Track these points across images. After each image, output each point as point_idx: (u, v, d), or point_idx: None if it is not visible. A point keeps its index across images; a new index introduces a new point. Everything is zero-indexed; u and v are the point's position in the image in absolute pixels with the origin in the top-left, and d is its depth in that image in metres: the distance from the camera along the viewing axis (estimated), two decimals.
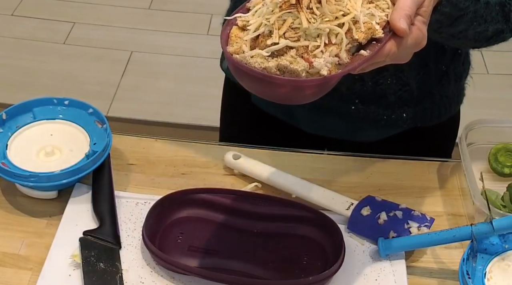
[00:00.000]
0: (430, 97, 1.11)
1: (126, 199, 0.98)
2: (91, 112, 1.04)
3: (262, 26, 0.72)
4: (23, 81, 2.61)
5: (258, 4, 0.75)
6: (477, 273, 0.86)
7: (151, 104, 2.53)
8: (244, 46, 0.72)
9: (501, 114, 2.46)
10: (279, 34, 0.70)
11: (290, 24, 0.70)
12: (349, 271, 0.90)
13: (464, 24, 0.88)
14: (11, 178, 0.94)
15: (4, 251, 0.91)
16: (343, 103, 1.09)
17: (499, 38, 0.96)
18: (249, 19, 0.74)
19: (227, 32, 0.75)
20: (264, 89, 0.72)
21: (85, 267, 0.87)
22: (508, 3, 0.91)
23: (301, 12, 0.70)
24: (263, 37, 0.71)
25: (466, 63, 1.16)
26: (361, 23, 0.72)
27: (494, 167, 1.04)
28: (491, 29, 0.93)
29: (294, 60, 0.69)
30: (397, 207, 0.96)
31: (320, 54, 0.70)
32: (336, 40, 0.71)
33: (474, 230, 0.86)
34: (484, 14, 0.89)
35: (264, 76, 0.69)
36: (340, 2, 0.72)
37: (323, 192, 0.99)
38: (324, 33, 0.70)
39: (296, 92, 0.72)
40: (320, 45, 0.70)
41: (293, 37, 0.70)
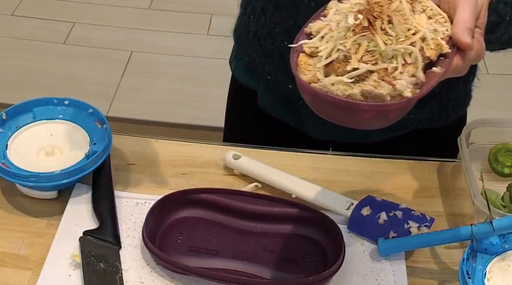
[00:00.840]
0: (438, 98, 1.11)
1: (126, 199, 0.98)
2: (91, 112, 1.04)
3: (335, 52, 0.70)
4: (23, 81, 2.61)
5: (323, 29, 0.74)
6: (477, 273, 0.86)
7: (151, 104, 2.53)
8: (319, 73, 0.70)
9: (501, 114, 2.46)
10: (357, 59, 0.69)
11: (365, 47, 0.69)
12: (349, 271, 0.90)
13: (502, 29, 0.88)
14: (11, 178, 0.94)
15: (4, 251, 0.91)
16: None
17: None
18: (317, 45, 0.73)
19: (295, 60, 0.73)
20: (347, 117, 0.70)
21: (85, 267, 0.87)
22: None
23: (376, 35, 0.69)
24: (338, 63, 0.70)
25: (473, 66, 1.16)
26: (430, 40, 0.72)
27: (494, 167, 1.04)
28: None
29: (378, 84, 0.68)
30: (397, 207, 0.96)
31: (399, 76, 0.69)
32: (410, 59, 0.70)
33: (474, 230, 0.86)
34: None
35: (349, 103, 0.67)
36: (407, 20, 0.72)
37: (323, 192, 0.99)
38: (400, 54, 0.69)
39: (380, 117, 0.70)
40: (398, 66, 0.69)
41: (371, 61, 0.69)
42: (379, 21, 0.70)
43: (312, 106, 0.72)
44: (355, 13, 0.71)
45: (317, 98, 0.69)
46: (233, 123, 1.32)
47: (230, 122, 1.32)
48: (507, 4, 0.86)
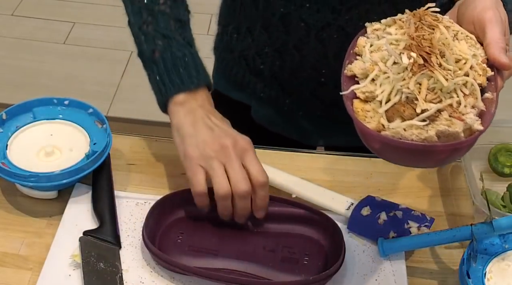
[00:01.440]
0: None
1: (126, 199, 0.98)
2: (91, 112, 1.04)
3: (395, 94, 0.69)
4: (23, 81, 2.61)
5: (370, 70, 0.73)
6: (477, 273, 0.86)
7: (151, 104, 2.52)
8: (383, 119, 0.69)
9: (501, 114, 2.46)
10: (423, 99, 0.68)
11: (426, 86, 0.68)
12: (349, 271, 0.90)
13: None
14: (11, 178, 0.94)
15: (4, 251, 0.91)
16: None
17: None
18: (371, 89, 0.72)
19: (351, 108, 0.72)
20: (422, 159, 0.70)
21: (85, 267, 0.87)
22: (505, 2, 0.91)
23: (435, 71, 0.68)
24: (402, 106, 0.69)
25: None
26: (476, 67, 0.71)
27: (494, 167, 1.04)
28: None
29: (450, 122, 0.67)
30: (397, 207, 0.96)
31: (465, 110, 0.68)
32: (468, 90, 0.69)
33: (474, 230, 0.86)
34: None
35: (426, 147, 0.67)
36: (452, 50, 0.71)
37: (323, 192, 0.99)
38: (458, 87, 0.69)
39: (455, 154, 0.70)
40: (461, 100, 0.68)
41: (435, 98, 0.68)
42: (433, 56, 0.69)
43: (380, 153, 0.71)
44: (408, 52, 0.70)
45: (390, 146, 0.68)
46: None
47: None
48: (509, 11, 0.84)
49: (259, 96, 1.15)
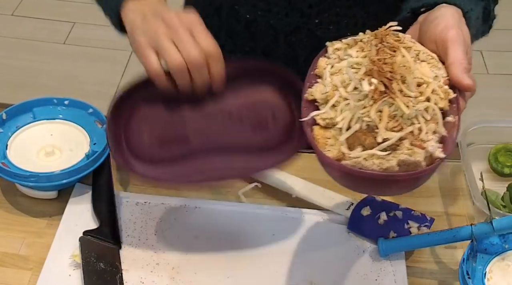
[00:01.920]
0: None
1: (126, 199, 0.98)
2: (91, 112, 1.04)
3: (356, 122, 0.68)
4: (23, 81, 2.60)
5: (330, 96, 0.71)
6: (477, 273, 0.86)
7: None
8: (343, 148, 0.68)
9: (501, 114, 2.46)
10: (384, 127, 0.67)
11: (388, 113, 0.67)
12: (349, 271, 0.90)
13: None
14: (11, 178, 0.94)
15: (4, 251, 0.91)
16: None
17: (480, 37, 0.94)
18: (331, 116, 0.70)
19: (311, 136, 0.71)
20: (382, 189, 0.69)
21: (85, 267, 0.87)
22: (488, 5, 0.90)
23: (396, 99, 0.67)
24: (363, 134, 0.68)
25: None
26: (438, 90, 0.70)
27: (494, 167, 1.04)
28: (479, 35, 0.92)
29: (412, 151, 0.66)
30: (397, 207, 0.96)
31: (426, 136, 0.67)
32: (429, 115, 0.68)
33: (474, 230, 0.86)
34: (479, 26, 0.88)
35: (387, 176, 0.66)
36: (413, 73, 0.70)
37: (323, 192, 0.99)
38: (420, 113, 0.68)
39: (414, 183, 0.69)
40: (422, 127, 0.67)
41: (396, 126, 0.67)
42: (395, 82, 0.68)
43: (340, 182, 0.70)
44: (369, 78, 0.69)
45: (350, 176, 0.67)
46: None
47: None
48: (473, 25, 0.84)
49: None
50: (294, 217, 0.97)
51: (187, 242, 0.93)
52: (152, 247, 0.92)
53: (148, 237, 0.93)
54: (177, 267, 0.89)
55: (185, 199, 0.98)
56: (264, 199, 1.00)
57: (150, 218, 0.96)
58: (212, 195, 1.00)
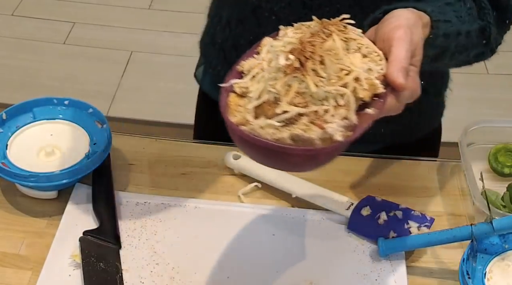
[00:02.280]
0: (409, 113, 1.09)
1: (126, 199, 0.98)
2: (91, 112, 1.04)
3: (266, 93, 0.69)
4: (23, 81, 2.61)
5: (254, 68, 0.72)
6: (477, 273, 0.86)
7: (151, 104, 2.53)
8: (248, 115, 0.69)
9: (501, 114, 2.46)
10: (287, 101, 0.67)
11: (296, 89, 0.67)
12: (349, 271, 0.90)
13: (447, 59, 0.88)
14: (11, 178, 0.94)
15: (4, 251, 0.91)
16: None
17: (479, 59, 0.96)
18: (248, 85, 0.71)
19: (225, 100, 0.72)
20: (276, 161, 0.69)
21: (85, 267, 0.87)
22: (488, 27, 0.91)
23: (307, 76, 0.67)
24: (268, 105, 0.68)
25: (445, 77, 1.14)
26: (363, 80, 0.70)
27: (494, 167, 1.04)
28: (472, 55, 0.93)
29: (307, 128, 0.67)
30: (397, 207, 0.96)
31: (330, 118, 0.67)
32: (343, 101, 0.68)
33: (474, 230, 0.86)
34: (466, 43, 0.89)
35: (278, 147, 0.66)
36: (340, 60, 0.70)
37: (323, 192, 0.99)
38: (332, 96, 0.68)
39: (309, 161, 0.69)
40: (329, 109, 0.67)
41: (301, 103, 0.67)
42: (310, 62, 0.68)
43: (241, 148, 0.70)
44: (287, 53, 0.69)
45: (246, 141, 0.68)
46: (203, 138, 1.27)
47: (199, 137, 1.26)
48: (448, 36, 0.84)
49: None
50: (294, 217, 0.97)
51: (187, 242, 0.93)
52: (152, 247, 0.92)
53: (148, 237, 0.93)
54: (177, 267, 0.89)
55: (185, 199, 0.98)
56: (264, 199, 1.00)
57: (150, 218, 0.96)
58: (212, 195, 1.00)
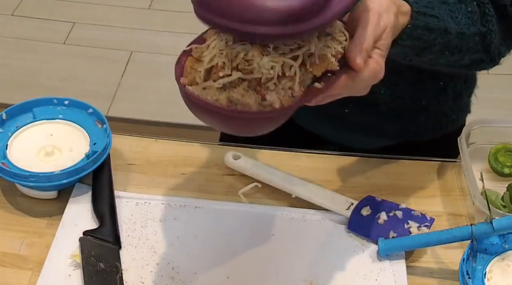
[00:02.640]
0: (425, 112, 1.09)
1: (126, 199, 0.98)
2: (91, 112, 1.04)
3: (216, 58, 0.71)
4: (23, 81, 2.60)
5: (213, 36, 0.74)
6: (477, 273, 0.86)
7: (151, 104, 2.52)
8: (198, 77, 0.71)
9: (501, 114, 2.46)
10: (232, 66, 0.69)
11: (243, 56, 0.69)
12: (349, 271, 0.90)
13: (433, 54, 0.88)
14: (11, 178, 0.94)
15: (4, 251, 0.91)
16: (338, 105, 1.08)
17: (478, 66, 0.96)
18: (204, 51, 0.73)
19: (182, 63, 0.74)
20: (215, 121, 0.71)
21: (85, 267, 0.87)
22: (489, 34, 0.91)
23: (254, 45, 0.69)
24: (217, 69, 0.70)
25: (469, 81, 1.13)
26: (316, 56, 0.71)
27: (494, 167, 1.04)
28: (467, 58, 0.93)
29: (245, 92, 0.69)
30: (397, 207, 0.96)
31: (273, 87, 0.69)
32: (290, 72, 0.70)
33: (474, 230, 0.86)
34: (459, 45, 0.89)
35: (215, 108, 0.69)
36: None
37: (323, 192, 0.99)
38: (278, 66, 0.69)
39: (248, 124, 0.71)
40: (274, 78, 0.69)
41: (246, 69, 0.69)
42: None
43: (188, 107, 0.72)
44: None
45: (189, 100, 0.70)
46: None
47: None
48: (431, 31, 0.84)
49: None
50: (294, 217, 0.97)
51: (187, 242, 0.93)
52: (152, 247, 0.92)
53: (148, 237, 0.93)
54: (177, 267, 0.89)
55: (185, 199, 0.98)
56: (264, 199, 1.00)
57: (150, 218, 0.96)
58: (212, 195, 1.00)
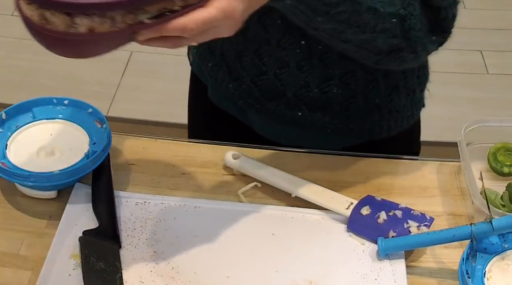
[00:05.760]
0: (378, 110, 1.09)
1: (126, 199, 0.98)
2: (90, 112, 1.04)
3: None
4: (23, 81, 2.61)
5: None
6: (476, 272, 0.86)
7: (151, 104, 2.53)
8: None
9: (501, 114, 2.46)
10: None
11: None
12: (349, 270, 0.90)
13: (339, 24, 0.85)
14: (11, 178, 0.94)
15: (4, 251, 0.91)
16: (290, 109, 1.08)
17: (398, 56, 0.92)
18: None
19: None
20: (36, 37, 0.72)
21: (85, 267, 0.87)
22: (409, 18, 0.87)
23: None
24: None
25: (422, 76, 1.12)
26: None
27: (493, 167, 1.04)
28: (383, 42, 0.89)
29: (55, 12, 0.69)
30: (396, 207, 0.96)
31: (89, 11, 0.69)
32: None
33: (474, 229, 0.86)
34: (372, 22, 0.85)
35: (29, 22, 0.69)
36: None
37: (323, 192, 0.99)
38: None
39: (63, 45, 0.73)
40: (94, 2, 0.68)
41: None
42: None
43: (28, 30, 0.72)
44: None
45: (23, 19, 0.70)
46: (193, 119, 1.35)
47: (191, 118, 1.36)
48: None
49: (209, 74, 1.15)
50: (294, 217, 0.97)
51: (187, 241, 0.93)
52: (152, 247, 0.92)
53: (148, 237, 0.93)
54: (176, 267, 0.90)
55: (184, 198, 0.99)
56: (264, 199, 1.00)
57: (150, 218, 0.96)
58: (212, 195, 1.00)
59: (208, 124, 1.27)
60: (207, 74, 1.16)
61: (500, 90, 2.64)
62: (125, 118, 2.45)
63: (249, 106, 1.12)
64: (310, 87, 1.05)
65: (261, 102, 1.10)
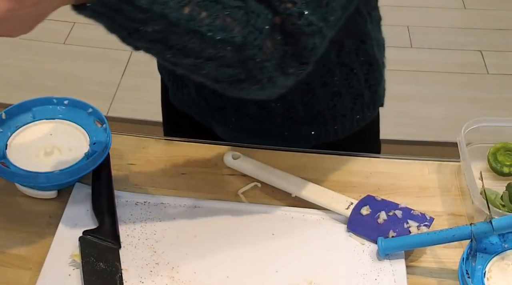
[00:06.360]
0: (321, 116, 1.09)
1: (126, 199, 0.98)
2: (90, 112, 1.04)
3: None
4: (23, 81, 2.61)
5: None
6: (476, 272, 0.86)
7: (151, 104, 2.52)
8: None
9: (501, 114, 2.46)
10: None
11: None
12: (349, 270, 0.90)
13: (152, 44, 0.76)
14: (11, 178, 0.94)
15: (4, 251, 0.91)
16: (237, 120, 1.11)
17: (240, 87, 0.81)
18: None
19: None
20: None
21: (85, 267, 0.87)
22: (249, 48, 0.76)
23: None
24: None
25: (371, 79, 1.10)
26: None
27: (493, 167, 1.04)
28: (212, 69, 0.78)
29: None
30: (396, 207, 0.96)
31: None
32: None
33: (474, 229, 0.86)
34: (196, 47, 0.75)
35: None
36: None
37: (323, 192, 0.99)
38: None
39: None
40: None
41: None
42: None
43: None
44: None
45: None
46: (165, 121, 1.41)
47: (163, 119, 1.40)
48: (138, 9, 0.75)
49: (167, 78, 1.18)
50: (294, 217, 0.97)
51: (187, 241, 0.93)
52: (152, 247, 0.92)
53: (148, 237, 0.93)
54: (176, 267, 0.90)
55: (184, 198, 0.99)
56: (264, 199, 1.00)
57: (150, 218, 0.96)
58: (212, 195, 1.00)
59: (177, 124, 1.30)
60: (166, 78, 1.20)
61: (500, 90, 2.64)
62: (125, 118, 2.45)
63: (199, 114, 1.15)
64: (248, 104, 1.08)
65: (208, 111, 1.13)
